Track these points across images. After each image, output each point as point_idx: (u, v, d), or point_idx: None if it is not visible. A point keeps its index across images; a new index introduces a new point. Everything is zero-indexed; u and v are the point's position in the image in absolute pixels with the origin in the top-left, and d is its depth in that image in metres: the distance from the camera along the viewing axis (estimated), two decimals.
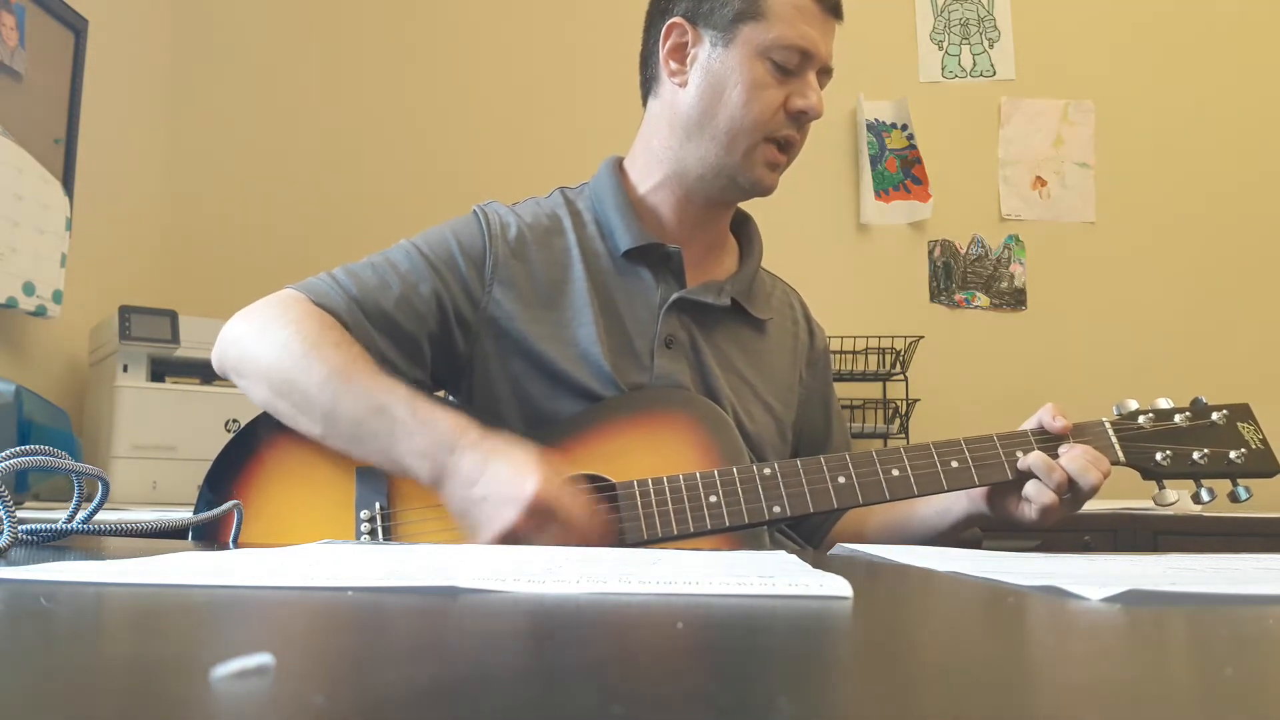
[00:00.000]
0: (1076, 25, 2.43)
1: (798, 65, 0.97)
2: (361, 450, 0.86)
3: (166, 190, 2.41)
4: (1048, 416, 0.94)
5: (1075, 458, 0.90)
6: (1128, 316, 2.33)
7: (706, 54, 0.99)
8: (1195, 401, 0.97)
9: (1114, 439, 0.94)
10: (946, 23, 2.47)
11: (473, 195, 1.16)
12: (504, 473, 0.80)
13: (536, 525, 0.78)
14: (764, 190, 1.02)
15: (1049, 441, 0.93)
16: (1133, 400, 0.98)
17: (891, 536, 1.05)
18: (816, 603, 0.38)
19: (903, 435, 2.18)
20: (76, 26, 2.04)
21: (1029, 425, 0.95)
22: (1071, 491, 0.90)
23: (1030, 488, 0.91)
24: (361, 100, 2.49)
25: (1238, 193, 2.34)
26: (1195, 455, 0.94)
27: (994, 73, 2.44)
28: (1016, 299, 2.38)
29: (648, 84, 1.07)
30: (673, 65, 1.01)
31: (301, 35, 2.51)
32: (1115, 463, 0.93)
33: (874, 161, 2.42)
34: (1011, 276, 2.38)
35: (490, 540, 0.80)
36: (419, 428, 0.83)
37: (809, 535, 1.12)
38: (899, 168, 2.42)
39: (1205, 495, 0.94)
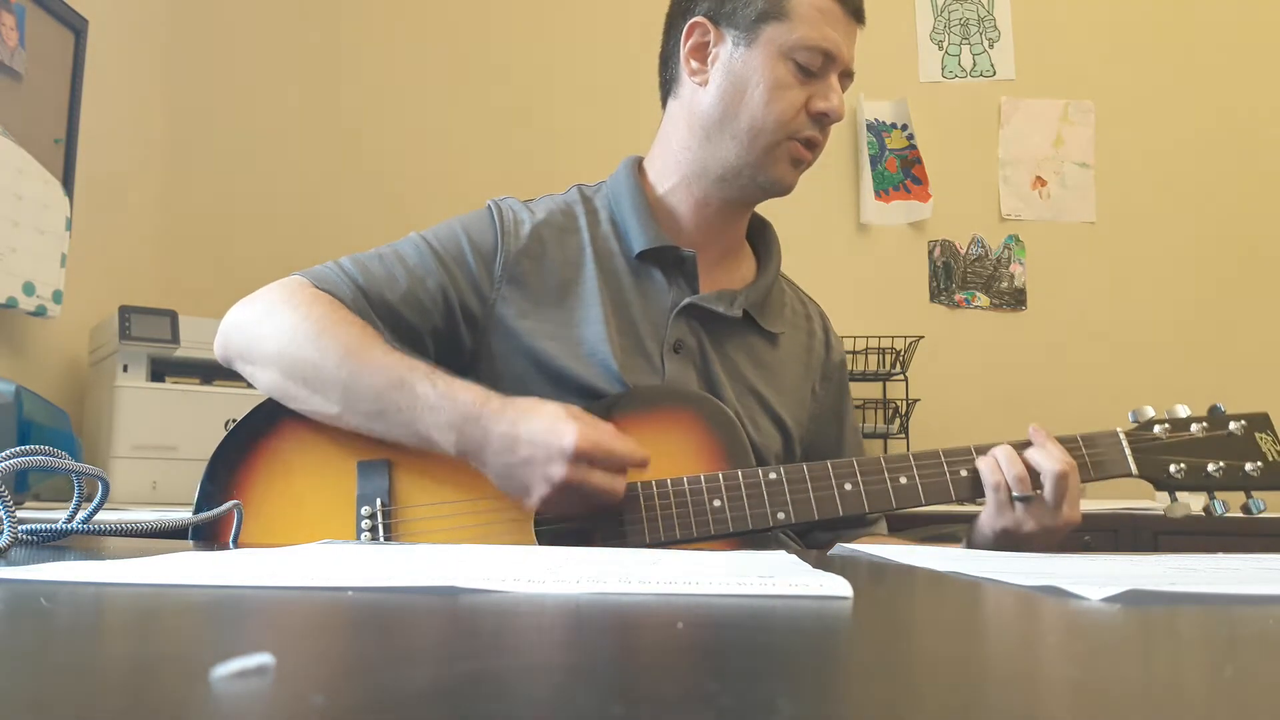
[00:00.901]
0: (1076, 25, 2.43)
1: (820, 67, 0.97)
2: (382, 425, 0.86)
3: (166, 190, 2.41)
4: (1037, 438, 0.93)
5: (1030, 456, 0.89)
6: (1127, 316, 2.33)
7: (728, 53, 0.99)
8: (1213, 410, 0.95)
9: (1127, 450, 0.93)
10: (946, 23, 2.47)
11: (473, 195, 1.16)
12: (539, 433, 0.81)
13: (584, 473, 0.80)
14: (784, 189, 1.01)
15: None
16: (1149, 407, 0.95)
17: None
18: (816, 603, 0.38)
19: (903, 435, 2.18)
20: (76, 26, 2.04)
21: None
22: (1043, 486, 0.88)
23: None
24: (361, 101, 2.49)
25: (1238, 193, 2.34)
26: (1210, 468, 0.92)
27: (994, 73, 2.44)
28: (1016, 299, 2.38)
29: (667, 84, 1.06)
30: (694, 64, 1.01)
31: (301, 35, 2.51)
32: (1128, 474, 0.92)
33: (874, 161, 2.42)
34: (1011, 276, 2.38)
35: (545, 499, 0.82)
36: (441, 400, 0.84)
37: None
38: (899, 168, 2.42)
39: (1219, 508, 0.92)
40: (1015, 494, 0.88)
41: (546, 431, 0.81)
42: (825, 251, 2.37)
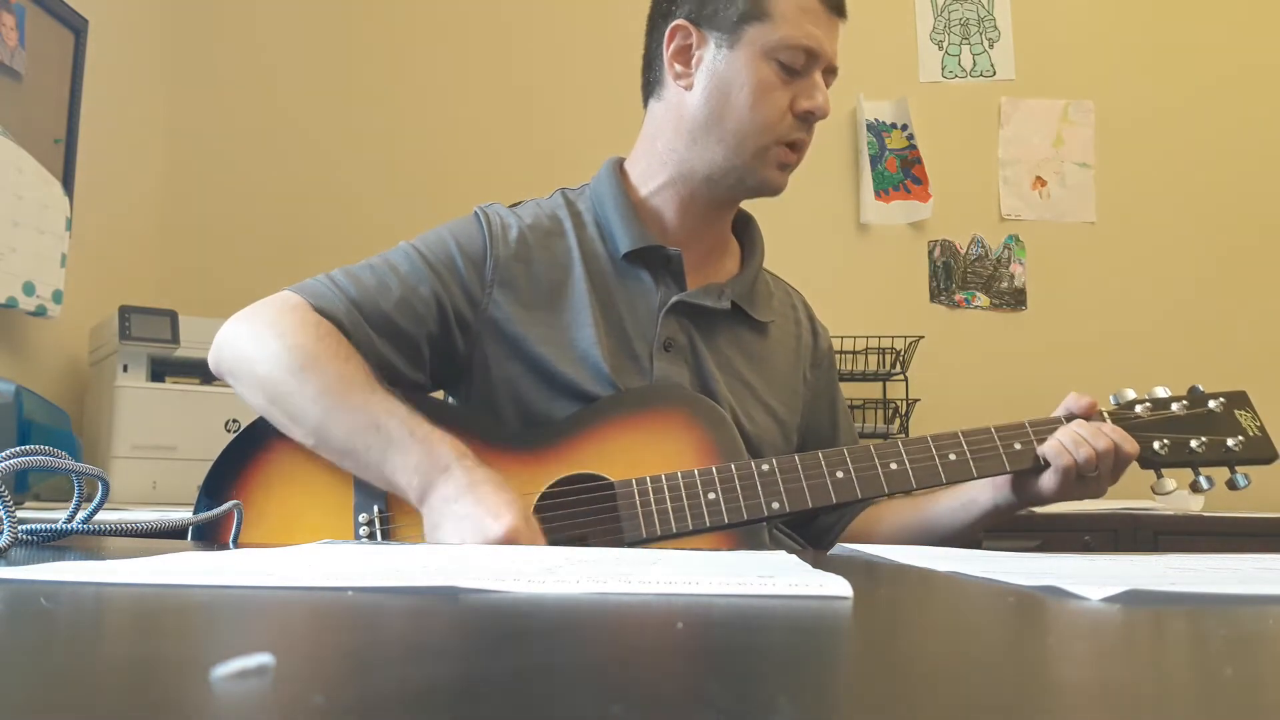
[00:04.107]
0: (1076, 25, 2.43)
1: (804, 65, 0.97)
2: (352, 464, 0.87)
3: (166, 190, 2.41)
4: (1072, 400, 0.97)
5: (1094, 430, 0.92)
6: (1128, 316, 2.33)
7: (711, 56, 0.99)
8: (1192, 390, 0.97)
9: None
10: (946, 23, 2.47)
11: (472, 195, 1.16)
12: (486, 503, 0.80)
13: None
14: (773, 190, 1.01)
15: (1046, 431, 0.94)
16: (1130, 389, 0.98)
17: (910, 537, 1.04)
18: (816, 603, 0.38)
19: (903, 436, 2.18)
20: (76, 26, 2.04)
21: (1059, 412, 0.98)
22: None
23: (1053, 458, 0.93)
24: (361, 100, 2.48)
25: (1238, 193, 2.34)
26: (1193, 444, 0.94)
27: (994, 73, 2.44)
28: (1016, 299, 2.38)
29: (650, 86, 1.06)
30: (677, 68, 1.01)
31: (301, 35, 2.51)
32: None
33: (874, 161, 2.42)
34: (1011, 276, 2.38)
35: None
36: (415, 445, 0.83)
37: (818, 538, 1.11)
38: (899, 168, 2.42)
39: (1204, 483, 0.94)
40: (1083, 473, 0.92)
41: (492, 507, 0.79)
42: (825, 251, 2.37)
